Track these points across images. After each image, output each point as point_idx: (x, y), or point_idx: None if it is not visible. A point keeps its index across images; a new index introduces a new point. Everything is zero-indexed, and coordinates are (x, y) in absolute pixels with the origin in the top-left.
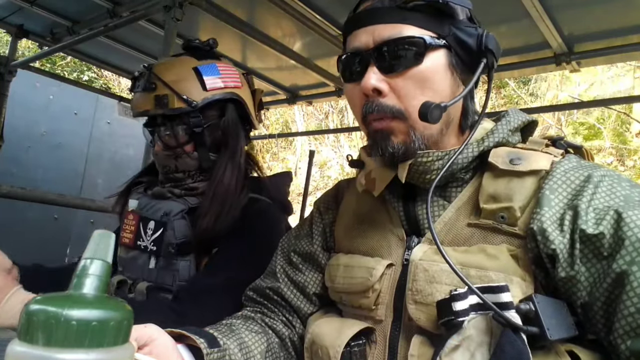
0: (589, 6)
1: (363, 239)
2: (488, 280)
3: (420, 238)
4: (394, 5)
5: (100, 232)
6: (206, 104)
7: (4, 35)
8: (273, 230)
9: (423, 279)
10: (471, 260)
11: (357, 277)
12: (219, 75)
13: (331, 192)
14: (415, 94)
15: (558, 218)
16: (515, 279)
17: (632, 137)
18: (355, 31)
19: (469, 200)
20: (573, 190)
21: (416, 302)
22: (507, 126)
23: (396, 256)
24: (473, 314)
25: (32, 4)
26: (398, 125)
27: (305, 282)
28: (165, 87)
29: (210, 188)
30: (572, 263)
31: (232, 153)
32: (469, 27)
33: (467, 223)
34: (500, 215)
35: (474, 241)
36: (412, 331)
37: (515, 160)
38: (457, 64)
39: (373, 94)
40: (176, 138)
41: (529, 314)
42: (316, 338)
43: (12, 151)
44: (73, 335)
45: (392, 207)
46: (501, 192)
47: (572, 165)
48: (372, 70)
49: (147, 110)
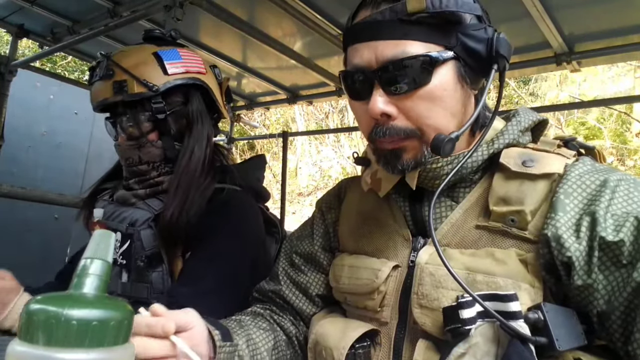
0: (589, 6)
1: (368, 239)
2: (495, 286)
3: (426, 239)
4: (396, 18)
5: (101, 232)
6: (168, 88)
7: (5, 35)
8: (244, 217)
9: (429, 284)
10: (478, 264)
11: (363, 279)
12: (181, 60)
13: (333, 191)
14: (426, 114)
15: (574, 224)
16: (524, 286)
17: (633, 137)
18: (356, 45)
19: (477, 201)
20: (589, 195)
21: (421, 307)
22: (517, 126)
23: (402, 257)
24: (480, 321)
25: (33, 4)
26: (410, 144)
27: (307, 284)
28: (124, 72)
29: (175, 177)
30: (590, 271)
31: (197, 140)
32: (477, 30)
33: (475, 225)
34: (511, 219)
35: (481, 244)
36: (418, 335)
37: (527, 162)
38: (466, 73)
39: (382, 118)
40: (139, 127)
41: (537, 324)
42: (320, 339)
43: (12, 151)
44: (73, 334)
45: (396, 207)
46: (512, 194)
47: (587, 169)
48: (377, 92)
49: (106, 99)
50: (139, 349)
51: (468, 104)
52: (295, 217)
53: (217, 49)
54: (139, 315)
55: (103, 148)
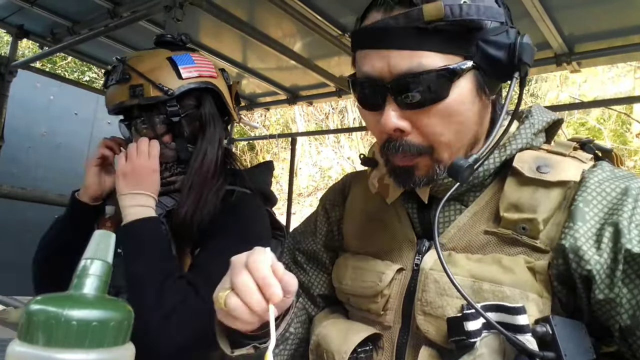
0: (589, 6)
1: (372, 240)
2: (502, 296)
3: (432, 242)
4: (411, 25)
5: (101, 232)
6: (182, 92)
7: (5, 36)
8: (253, 219)
9: (433, 291)
10: (484, 272)
11: (366, 281)
12: (194, 64)
13: (338, 187)
14: (440, 130)
15: (594, 234)
16: (532, 296)
17: (633, 137)
18: (366, 51)
19: (487, 205)
20: (609, 203)
21: (425, 314)
22: (530, 129)
23: (406, 260)
24: (486, 332)
25: (33, 5)
26: (423, 161)
27: (309, 284)
28: (140, 77)
29: (188, 178)
30: (612, 285)
31: (210, 142)
32: (498, 34)
33: (483, 230)
34: (522, 227)
35: (489, 249)
36: (421, 340)
37: (542, 167)
38: (485, 82)
39: (395, 133)
40: (154, 129)
41: (545, 337)
42: (322, 341)
43: (12, 151)
44: (73, 335)
45: (402, 209)
46: (525, 201)
47: (606, 175)
48: (391, 106)
49: (122, 102)
50: (240, 284)
51: (485, 113)
52: (296, 217)
53: (217, 50)
54: (267, 252)
55: None
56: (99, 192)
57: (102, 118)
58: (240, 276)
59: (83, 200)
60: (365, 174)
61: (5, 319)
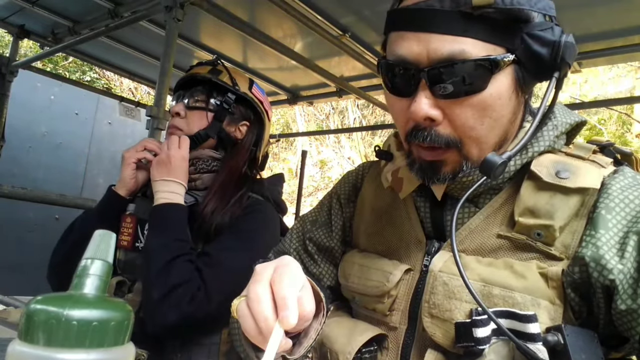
0: (590, 7)
1: (380, 238)
2: (513, 302)
3: (441, 243)
4: (457, 9)
5: (101, 232)
6: (243, 98)
7: (6, 36)
8: (266, 224)
9: (442, 293)
10: (495, 276)
11: (373, 280)
12: (264, 95)
13: (352, 179)
14: (473, 124)
15: (617, 242)
16: (543, 303)
17: (633, 137)
18: (403, 33)
19: (500, 208)
20: (632, 211)
21: (432, 316)
22: (553, 132)
23: (414, 260)
24: (495, 339)
25: (33, 5)
26: (451, 156)
27: (319, 275)
28: (225, 69)
29: (217, 178)
30: (635, 295)
31: (237, 153)
32: (544, 30)
33: (496, 234)
34: (537, 232)
35: (500, 253)
36: (427, 343)
37: (561, 172)
38: (523, 78)
39: (425, 122)
40: (206, 101)
41: (556, 347)
42: (326, 340)
43: (13, 151)
44: (74, 335)
45: (413, 207)
46: (542, 207)
47: (629, 182)
48: (424, 93)
49: (199, 73)
50: (253, 295)
51: (518, 111)
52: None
53: (218, 50)
54: (299, 275)
55: (103, 149)
56: (134, 187)
57: (102, 118)
58: (256, 286)
59: (120, 193)
60: (379, 165)
61: (5, 319)
